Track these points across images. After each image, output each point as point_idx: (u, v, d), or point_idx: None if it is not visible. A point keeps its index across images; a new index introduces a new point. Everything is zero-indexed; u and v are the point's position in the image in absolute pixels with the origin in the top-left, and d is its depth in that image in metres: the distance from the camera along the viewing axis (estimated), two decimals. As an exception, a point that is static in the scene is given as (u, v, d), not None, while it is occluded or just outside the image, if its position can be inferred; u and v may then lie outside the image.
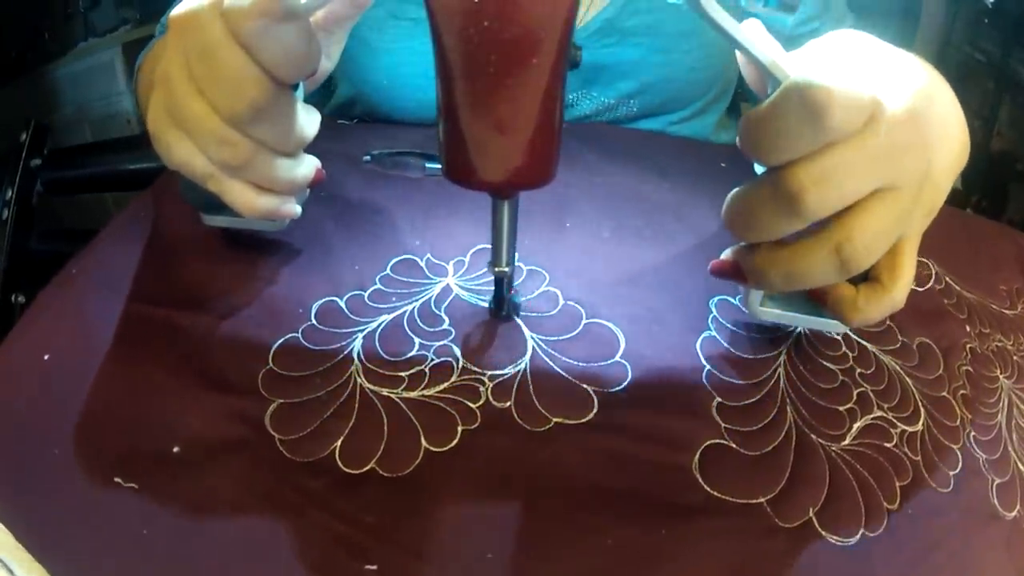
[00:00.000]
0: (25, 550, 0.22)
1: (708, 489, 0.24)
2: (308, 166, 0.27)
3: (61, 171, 0.64)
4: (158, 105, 0.24)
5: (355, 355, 0.27)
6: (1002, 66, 0.86)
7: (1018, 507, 0.26)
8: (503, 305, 0.28)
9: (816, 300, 0.25)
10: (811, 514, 0.24)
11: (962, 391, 0.30)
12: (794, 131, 0.20)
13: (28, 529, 0.22)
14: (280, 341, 0.27)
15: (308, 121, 0.27)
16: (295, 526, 0.22)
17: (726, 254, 0.25)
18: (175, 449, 0.24)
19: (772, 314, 0.27)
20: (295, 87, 0.26)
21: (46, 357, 0.27)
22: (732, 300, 0.31)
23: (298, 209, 0.28)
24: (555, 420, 0.25)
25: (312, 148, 0.35)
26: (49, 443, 0.25)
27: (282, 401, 0.25)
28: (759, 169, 0.23)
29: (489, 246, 0.32)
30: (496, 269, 0.26)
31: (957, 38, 0.93)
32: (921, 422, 0.28)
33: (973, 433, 0.28)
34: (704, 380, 0.27)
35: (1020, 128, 0.87)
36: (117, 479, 0.23)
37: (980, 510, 0.25)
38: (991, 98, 0.88)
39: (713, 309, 0.30)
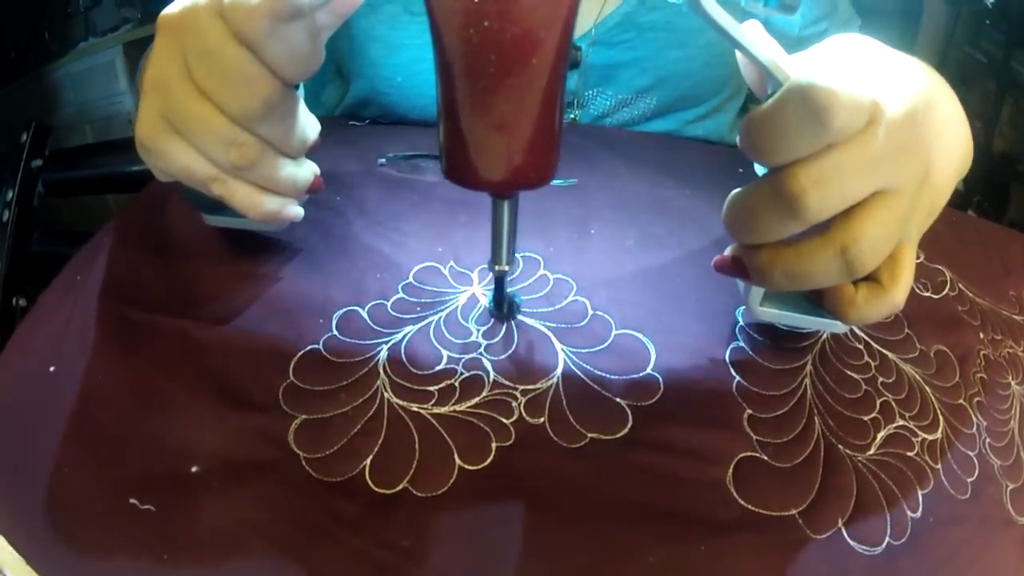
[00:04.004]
0: (32, 569, 0.22)
1: (743, 503, 0.24)
2: (308, 170, 0.28)
3: (62, 172, 0.63)
4: (150, 112, 0.24)
5: (380, 368, 0.26)
6: (1003, 67, 0.86)
7: (1030, 511, 0.26)
8: (503, 304, 0.28)
9: (815, 296, 0.25)
10: (840, 524, 0.24)
11: (977, 398, 0.30)
12: (795, 131, 0.20)
13: (40, 551, 0.22)
14: (301, 353, 0.27)
15: (309, 123, 0.27)
16: (329, 552, 0.22)
17: (729, 250, 0.25)
18: (193, 469, 0.24)
19: (771, 314, 0.27)
20: (296, 87, 0.26)
21: (52, 369, 0.27)
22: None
23: (300, 211, 0.28)
24: (590, 436, 0.25)
25: (325, 151, 0.34)
26: (59, 460, 0.24)
27: (306, 417, 0.25)
28: (760, 171, 0.23)
29: (516, 252, 0.32)
30: (496, 268, 0.26)
31: (959, 39, 0.93)
32: (940, 430, 0.28)
33: (988, 440, 0.29)
34: (734, 391, 0.27)
35: (1021, 129, 0.87)
36: (133, 500, 0.23)
37: (996, 516, 0.26)
38: (992, 99, 0.88)
39: (740, 319, 0.30)
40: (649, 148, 0.43)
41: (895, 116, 0.20)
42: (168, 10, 0.23)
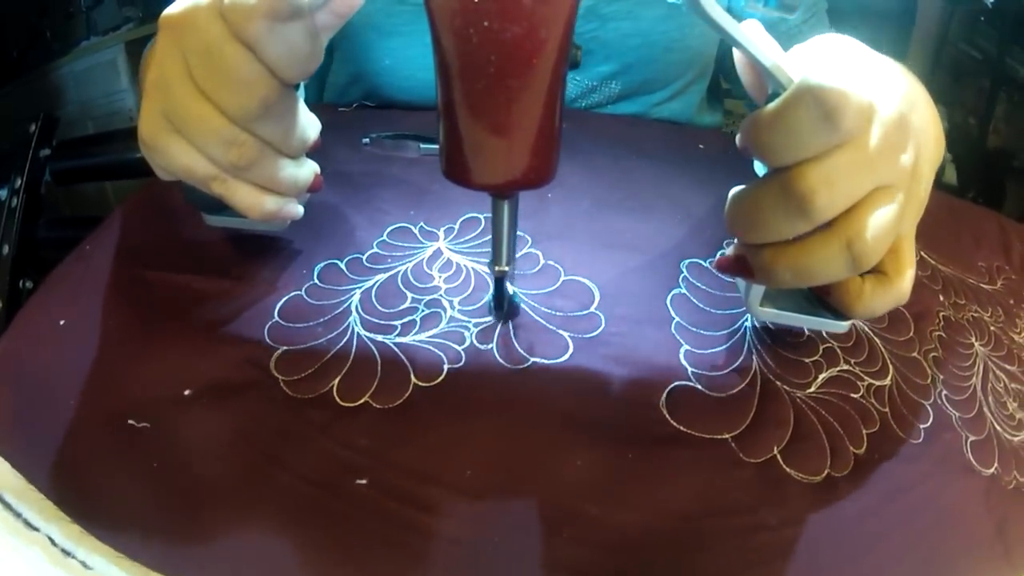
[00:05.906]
0: (37, 491, 0.23)
1: (675, 424, 0.26)
2: (309, 170, 0.28)
3: (69, 161, 0.66)
4: (152, 111, 0.24)
5: (353, 308, 0.29)
6: (998, 63, 0.86)
7: (996, 465, 0.27)
8: (503, 304, 0.28)
9: (820, 292, 0.26)
10: (776, 451, 0.25)
11: (933, 353, 0.31)
12: (806, 132, 0.20)
13: (44, 472, 0.23)
14: (285, 298, 0.30)
15: (310, 123, 0.27)
16: (299, 451, 0.24)
17: (732, 250, 0.25)
18: (186, 392, 0.25)
19: (771, 313, 0.27)
20: (296, 87, 0.26)
21: (62, 323, 0.29)
22: (703, 263, 0.33)
23: (300, 210, 0.28)
24: (533, 359, 0.27)
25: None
26: (64, 396, 0.25)
27: (286, 348, 0.27)
28: (759, 170, 0.24)
29: (476, 214, 0.35)
30: (497, 268, 0.26)
31: (953, 36, 0.93)
32: (889, 378, 0.29)
33: (945, 392, 0.29)
34: (672, 330, 0.29)
35: (1016, 125, 0.87)
36: (131, 421, 0.24)
37: (954, 462, 0.26)
38: (987, 95, 0.88)
39: (684, 270, 0.33)
40: (614, 126, 0.45)
41: (889, 117, 0.21)
42: (170, 10, 0.23)
